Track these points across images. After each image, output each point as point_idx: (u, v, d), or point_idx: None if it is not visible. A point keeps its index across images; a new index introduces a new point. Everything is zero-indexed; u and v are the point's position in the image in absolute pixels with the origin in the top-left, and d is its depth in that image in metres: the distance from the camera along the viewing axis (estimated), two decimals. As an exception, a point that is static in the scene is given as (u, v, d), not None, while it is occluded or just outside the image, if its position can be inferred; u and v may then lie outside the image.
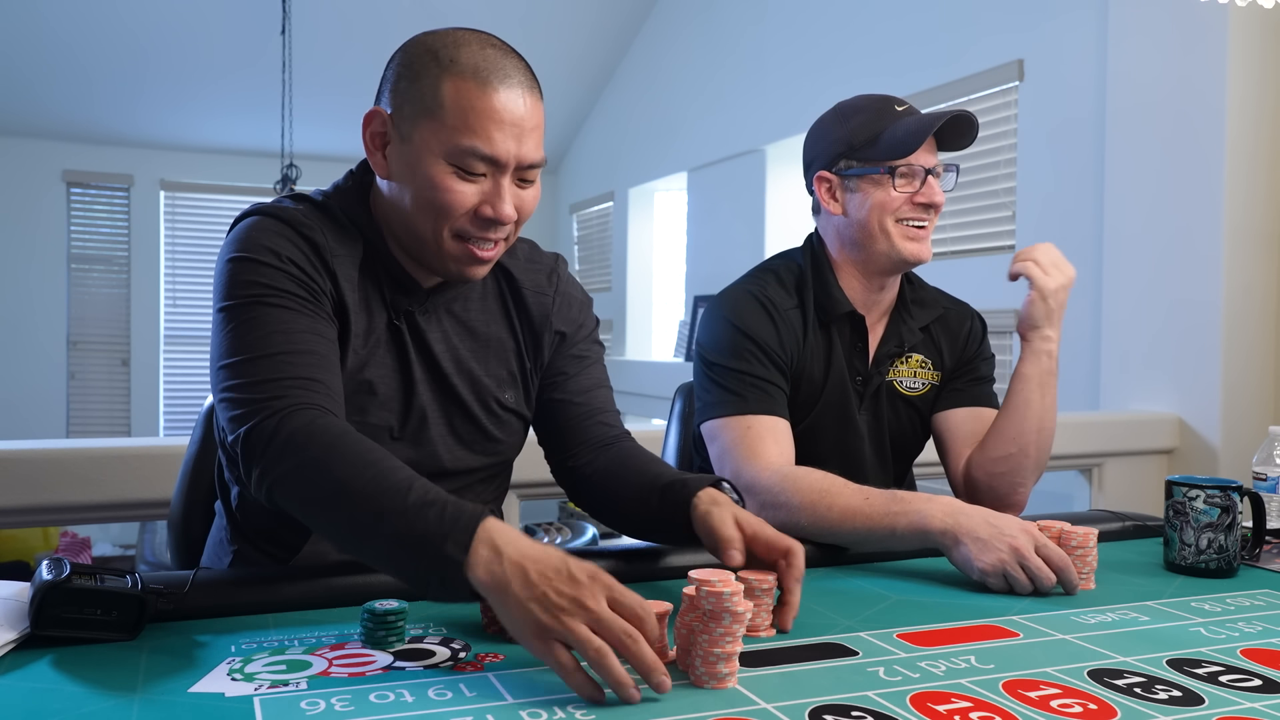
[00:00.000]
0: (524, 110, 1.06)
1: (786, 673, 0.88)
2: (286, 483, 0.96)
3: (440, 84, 1.05)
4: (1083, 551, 1.20)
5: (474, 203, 1.08)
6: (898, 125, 1.49)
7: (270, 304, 1.05)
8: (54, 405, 6.57)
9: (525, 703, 0.79)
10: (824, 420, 1.54)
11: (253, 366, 1.01)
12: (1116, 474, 2.86)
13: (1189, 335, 2.84)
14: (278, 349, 1.02)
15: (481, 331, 1.23)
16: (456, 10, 5.47)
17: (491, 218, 1.08)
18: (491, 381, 1.24)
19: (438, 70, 1.06)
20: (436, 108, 1.05)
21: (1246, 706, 0.83)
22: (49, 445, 1.83)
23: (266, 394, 0.99)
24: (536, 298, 1.26)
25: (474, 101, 1.04)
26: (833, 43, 4.52)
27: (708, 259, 5.61)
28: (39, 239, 6.52)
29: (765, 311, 1.51)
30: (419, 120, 1.06)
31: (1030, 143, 3.50)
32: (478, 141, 1.04)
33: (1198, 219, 2.80)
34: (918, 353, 1.61)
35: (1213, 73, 2.76)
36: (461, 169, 1.06)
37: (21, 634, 0.89)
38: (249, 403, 0.99)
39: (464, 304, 1.22)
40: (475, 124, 1.04)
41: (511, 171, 1.08)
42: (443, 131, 1.05)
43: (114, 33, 5.58)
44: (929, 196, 1.51)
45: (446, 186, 1.06)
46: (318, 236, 1.10)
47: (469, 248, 1.10)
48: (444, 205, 1.07)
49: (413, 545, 0.88)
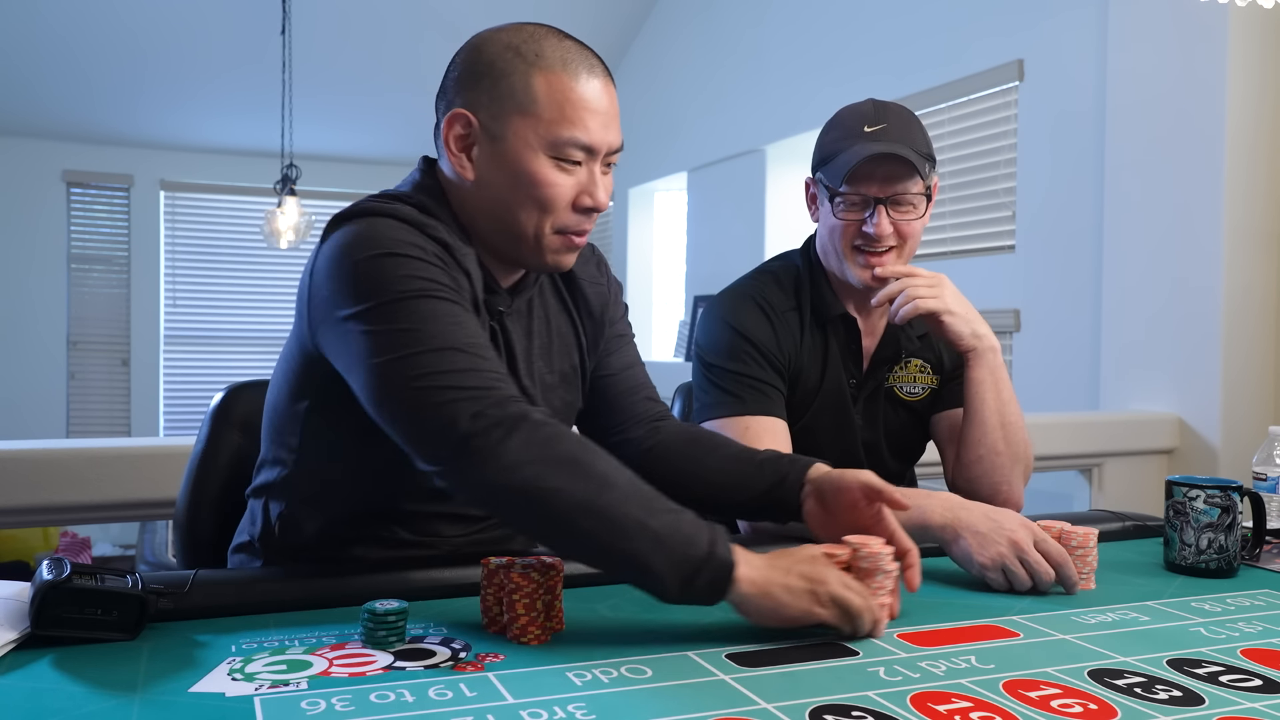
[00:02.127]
0: (609, 97, 1.10)
1: (786, 673, 0.88)
2: (530, 474, 0.92)
3: (531, 79, 1.06)
4: (1083, 551, 1.20)
5: (573, 193, 1.09)
6: (847, 152, 1.45)
7: (439, 297, 1.00)
8: (54, 405, 6.56)
9: (525, 703, 0.79)
10: (820, 420, 1.55)
11: (449, 358, 0.96)
12: (1116, 474, 2.86)
13: (1189, 335, 2.84)
14: (468, 343, 0.98)
15: (548, 329, 1.23)
16: (456, 10, 5.46)
17: (590, 206, 1.10)
18: (555, 379, 1.24)
19: (524, 66, 1.06)
20: (530, 103, 1.06)
21: (1246, 706, 0.83)
22: (49, 445, 1.83)
23: (482, 383, 0.96)
24: (594, 289, 1.27)
25: (568, 93, 1.06)
26: (833, 43, 4.52)
27: (708, 259, 5.61)
28: (39, 239, 6.51)
29: (763, 313, 1.52)
30: (511, 117, 1.07)
31: (1030, 143, 3.50)
32: (577, 131, 1.06)
33: (1198, 218, 2.80)
34: (917, 357, 1.61)
35: (1213, 73, 2.76)
36: (561, 160, 1.07)
37: (22, 634, 0.89)
38: (464, 390, 0.94)
39: (534, 302, 1.22)
40: (572, 114, 1.06)
41: (602, 158, 1.10)
42: (540, 125, 1.06)
43: (114, 33, 5.58)
44: (871, 226, 1.45)
45: (549, 180, 1.07)
46: (445, 237, 1.08)
47: (569, 238, 1.11)
48: (548, 199, 1.08)
49: (681, 544, 0.91)
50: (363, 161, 6.93)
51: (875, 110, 1.50)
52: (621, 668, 0.88)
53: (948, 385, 1.62)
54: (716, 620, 1.03)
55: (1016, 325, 3.53)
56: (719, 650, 0.93)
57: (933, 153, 1.51)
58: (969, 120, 3.78)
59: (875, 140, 1.45)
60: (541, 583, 0.95)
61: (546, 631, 0.95)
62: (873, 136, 1.45)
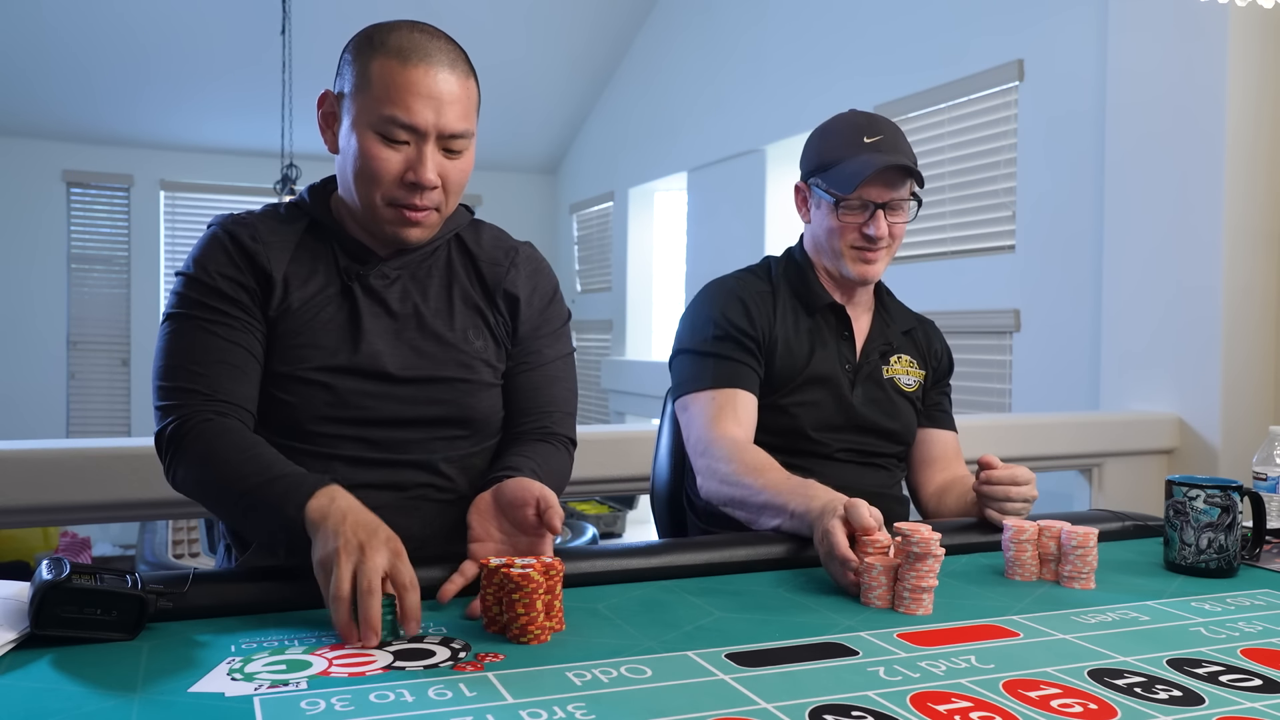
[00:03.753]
0: (442, 85, 1.17)
1: (786, 673, 0.88)
2: (183, 474, 1.16)
3: (370, 63, 1.17)
4: (1083, 551, 1.20)
5: (399, 169, 1.18)
6: (852, 161, 1.56)
7: (194, 317, 1.20)
8: (54, 405, 6.57)
9: (525, 703, 0.79)
10: (815, 395, 1.60)
11: (174, 374, 1.19)
12: (1116, 474, 2.85)
13: (1189, 335, 2.84)
14: (195, 360, 1.18)
15: (443, 292, 1.30)
16: (456, 11, 5.46)
17: (414, 181, 1.18)
18: (459, 322, 1.29)
19: (370, 52, 1.18)
20: (365, 84, 1.17)
21: (1246, 706, 0.83)
22: (49, 445, 1.83)
23: (178, 400, 1.17)
24: (491, 269, 1.33)
25: (394, 76, 1.16)
26: (833, 43, 4.52)
27: (708, 259, 5.61)
28: (39, 239, 6.51)
29: (733, 295, 1.62)
30: (354, 97, 1.19)
31: (1030, 143, 3.50)
32: (397, 110, 1.16)
33: (1198, 217, 2.80)
34: (904, 353, 1.70)
35: (1213, 73, 2.76)
36: (385, 136, 1.17)
37: (21, 634, 0.89)
38: (166, 408, 1.18)
39: (426, 272, 1.30)
40: (395, 95, 1.16)
41: (434, 140, 1.18)
42: (370, 103, 1.17)
43: (114, 32, 5.58)
44: (872, 229, 1.56)
45: (373, 154, 1.17)
46: (245, 234, 1.23)
47: (401, 211, 1.20)
48: (373, 172, 1.18)
49: (269, 507, 1.05)
50: (363, 161, 6.93)
51: (869, 121, 1.60)
52: (621, 668, 0.88)
53: (928, 393, 1.72)
54: (716, 620, 1.03)
55: (1016, 325, 3.53)
56: (719, 650, 0.93)
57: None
58: (969, 120, 3.78)
59: (878, 151, 1.55)
60: (541, 583, 0.95)
61: (546, 631, 0.95)
62: (874, 147, 1.56)
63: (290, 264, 1.25)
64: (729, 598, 1.12)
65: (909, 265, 3.98)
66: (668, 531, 1.81)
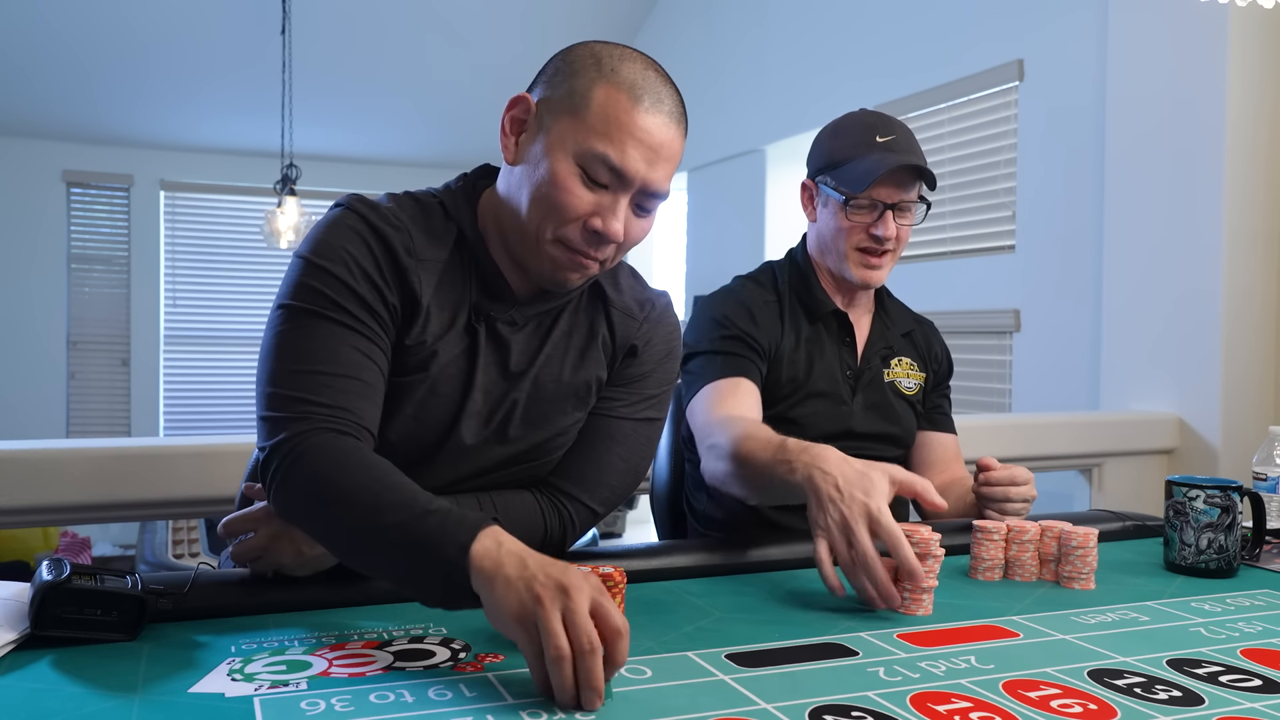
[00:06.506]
0: (664, 138, 1.06)
1: (786, 673, 0.88)
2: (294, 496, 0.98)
3: (594, 87, 1.05)
4: (1083, 551, 1.20)
5: (587, 211, 1.06)
6: (864, 160, 1.53)
7: (328, 317, 1.04)
8: (54, 405, 6.56)
9: (525, 703, 0.79)
10: (817, 407, 1.59)
11: (294, 380, 1.02)
12: (1116, 474, 2.85)
13: (1189, 335, 2.84)
14: (321, 367, 1.02)
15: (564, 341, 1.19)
16: (456, 11, 5.46)
17: (599, 231, 1.06)
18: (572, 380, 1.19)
19: (596, 74, 1.06)
20: (583, 107, 1.05)
21: (1246, 706, 0.83)
22: (49, 445, 1.83)
23: (297, 412, 1.00)
24: (624, 320, 1.22)
25: (620, 113, 1.04)
26: (833, 43, 4.52)
27: (708, 259, 5.61)
28: (39, 239, 6.51)
29: (739, 302, 1.60)
30: (562, 115, 1.06)
31: (1030, 143, 3.50)
32: (610, 150, 1.04)
33: (1198, 218, 2.80)
34: (905, 356, 1.69)
35: (1213, 73, 2.76)
36: (587, 173, 1.05)
37: (21, 634, 0.89)
38: (280, 419, 1.00)
39: (553, 318, 1.18)
40: (614, 134, 1.04)
41: (634, 193, 1.07)
42: (581, 131, 1.04)
43: (114, 32, 5.58)
44: (880, 230, 1.55)
45: (567, 187, 1.05)
46: (399, 242, 1.09)
47: (572, 255, 1.08)
48: (559, 204, 1.05)
49: (417, 548, 0.88)
50: (362, 161, 6.93)
51: (882, 121, 1.57)
52: (621, 668, 0.88)
53: (929, 396, 1.71)
54: (716, 620, 1.03)
55: (1016, 325, 3.53)
56: (719, 650, 0.93)
57: None
58: (969, 120, 3.78)
59: (891, 150, 1.53)
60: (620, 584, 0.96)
61: None
62: (887, 147, 1.53)
63: (435, 289, 1.11)
64: (729, 598, 1.12)
65: (909, 265, 3.98)
66: (667, 534, 1.81)
